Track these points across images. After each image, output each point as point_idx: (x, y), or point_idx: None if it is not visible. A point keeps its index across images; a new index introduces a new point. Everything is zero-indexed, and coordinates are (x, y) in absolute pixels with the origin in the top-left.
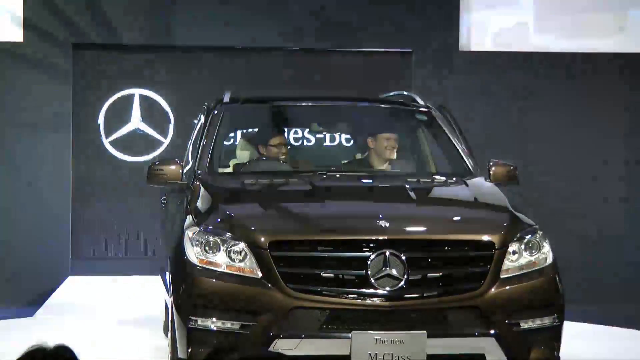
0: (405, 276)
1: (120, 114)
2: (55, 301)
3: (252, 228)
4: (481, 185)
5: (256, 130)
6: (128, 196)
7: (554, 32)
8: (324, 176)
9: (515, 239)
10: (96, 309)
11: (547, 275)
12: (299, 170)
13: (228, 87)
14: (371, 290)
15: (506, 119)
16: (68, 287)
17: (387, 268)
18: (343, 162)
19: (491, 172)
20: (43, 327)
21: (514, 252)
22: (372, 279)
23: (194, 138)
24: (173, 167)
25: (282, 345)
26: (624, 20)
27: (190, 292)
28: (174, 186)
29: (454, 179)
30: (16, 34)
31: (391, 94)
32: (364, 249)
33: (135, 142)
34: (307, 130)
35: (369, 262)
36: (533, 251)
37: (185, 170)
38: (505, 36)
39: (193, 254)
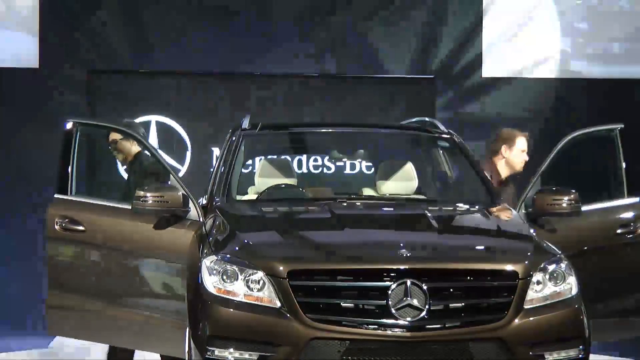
0: (427, 306)
1: None
2: None
3: (271, 257)
4: (504, 213)
5: None
6: None
7: (576, 59)
8: (344, 204)
9: (539, 268)
10: None
11: (573, 306)
12: (318, 197)
13: (246, 114)
14: (392, 321)
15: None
16: None
17: (408, 298)
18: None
19: (536, 202)
20: (58, 358)
21: (538, 282)
22: (392, 309)
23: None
24: (175, 193)
25: None
26: None
27: (207, 321)
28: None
29: (477, 207)
30: (32, 60)
31: (413, 120)
32: (385, 279)
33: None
34: (327, 157)
35: (389, 292)
36: (558, 281)
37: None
38: (528, 63)
39: (210, 283)
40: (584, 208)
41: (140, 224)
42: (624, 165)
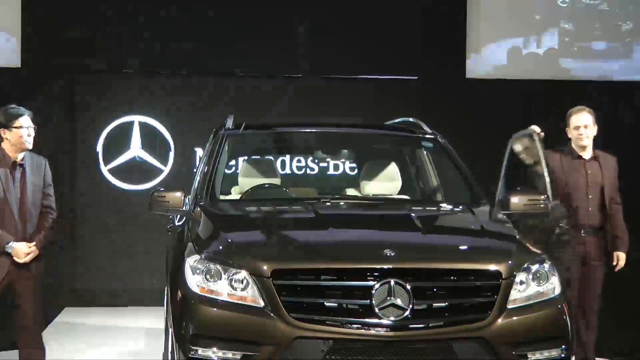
0: (410, 306)
1: (119, 141)
2: (52, 332)
3: (254, 256)
4: (488, 214)
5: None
6: (127, 225)
7: (560, 60)
8: (328, 204)
9: (522, 268)
10: (94, 341)
11: (555, 306)
12: (302, 197)
13: (229, 114)
14: (375, 320)
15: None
16: (65, 318)
17: (392, 297)
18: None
19: (511, 203)
20: None
21: (521, 282)
22: (376, 308)
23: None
24: (177, 194)
25: None
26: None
27: (191, 321)
28: (177, 214)
29: (461, 207)
30: (14, 59)
31: (397, 120)
32: (369, 278)
33: (135, 170)
34: (311, 158)
35: (373, 292)
36: (541, 281)
37: (188, 197)
38: (512, 63)
39: (194, 282)
40: None
41: None
42: (546, 171)
